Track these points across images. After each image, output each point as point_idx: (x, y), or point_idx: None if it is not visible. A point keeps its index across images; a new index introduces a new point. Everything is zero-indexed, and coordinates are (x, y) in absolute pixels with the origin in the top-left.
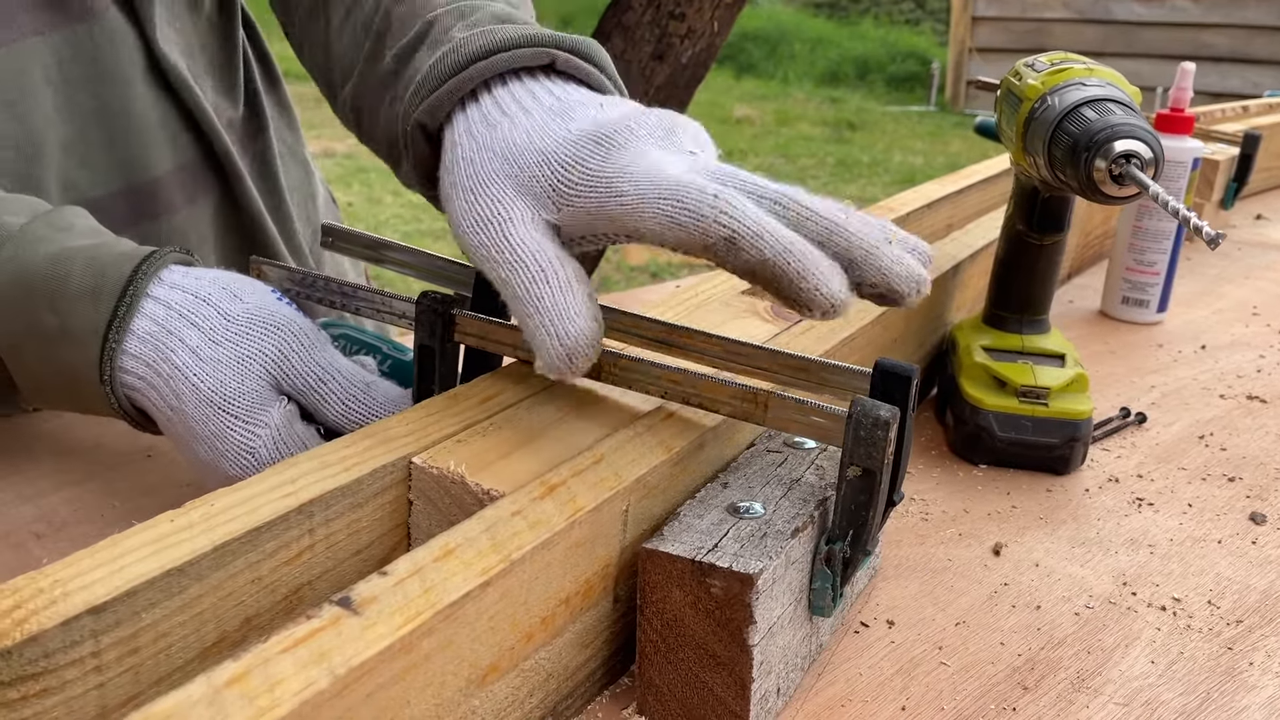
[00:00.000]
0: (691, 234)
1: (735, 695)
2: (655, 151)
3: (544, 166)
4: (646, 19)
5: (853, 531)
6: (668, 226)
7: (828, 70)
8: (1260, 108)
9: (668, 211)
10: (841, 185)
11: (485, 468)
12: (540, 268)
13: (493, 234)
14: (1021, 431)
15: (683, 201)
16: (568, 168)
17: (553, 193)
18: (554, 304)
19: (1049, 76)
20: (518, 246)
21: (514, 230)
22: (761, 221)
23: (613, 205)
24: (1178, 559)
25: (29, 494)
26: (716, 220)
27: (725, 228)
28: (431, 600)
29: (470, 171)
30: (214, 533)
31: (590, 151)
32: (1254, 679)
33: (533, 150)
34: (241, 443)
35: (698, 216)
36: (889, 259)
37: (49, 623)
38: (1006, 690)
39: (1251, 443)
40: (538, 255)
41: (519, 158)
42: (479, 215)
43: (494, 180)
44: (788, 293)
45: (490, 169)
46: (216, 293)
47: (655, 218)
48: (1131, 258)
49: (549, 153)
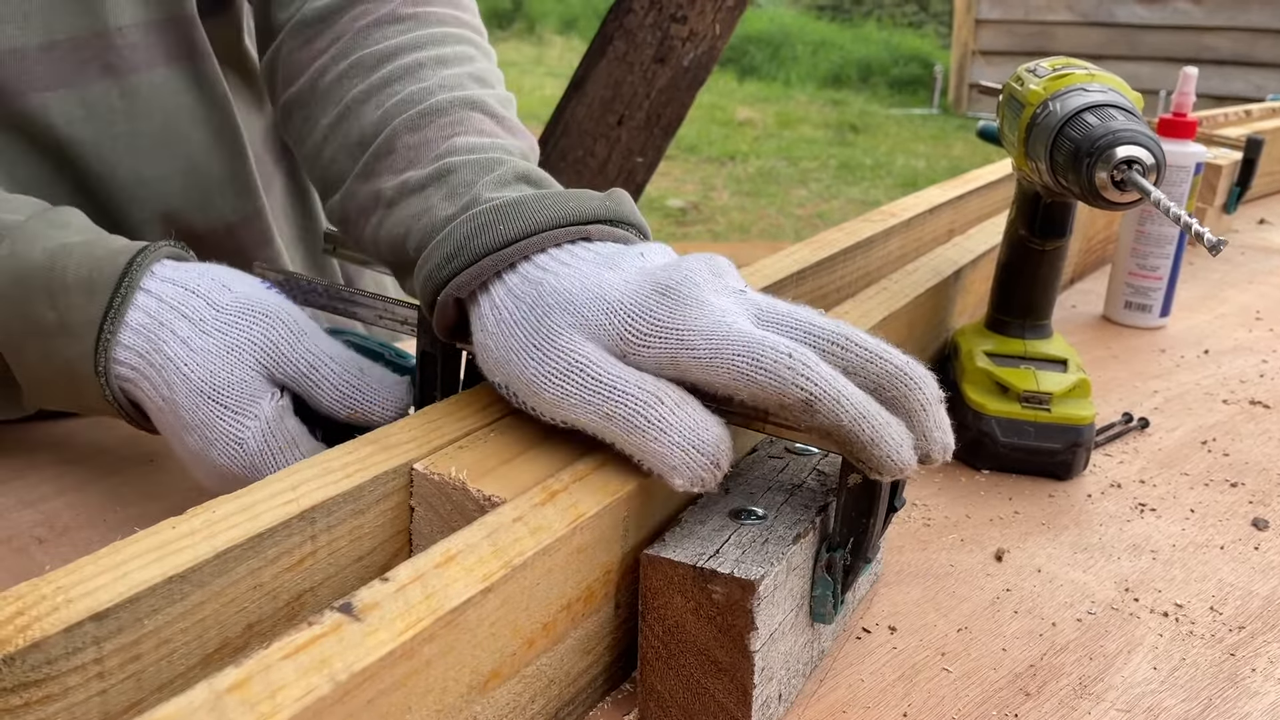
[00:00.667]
0: (768, 392)
1: (737, 701)
2: (715, 299)
3: (608, 314)
4: (649, 21)
5: (853, 539)
6: (744, 384)
7: (830, 73)
8: (1263, 112)
9: (744, 370)
10: (844, 188)
11: (487, 474)
12: (649, 392)
13: (580, 379)
14: (1024, 437)
15: (759, 360)
16: (634, 317)
17: (620, 340)
18: (680, 420)
19: (1051, 82)
20: (615, 381)
21: (603, 369)
22: (838, 386)
23: (685, 358)
24: (1180, 565)
25: (31, 499)
26: (795, 383)
27: (804, 391)
28: (433, 606)
29: (527, 331)
30: (216, 539)
31: (656, 302)
32: (1256, 685)
33: (591, 298)
34: (230, 432)
35: (775, 378)
36: (936, 421)
37: (52, 629)
38: (1009, 697)
39: (1254, 448)
40: (640, 382)
41: (579, 306)
42: (555, 369)
43: (559, 331)
44: (859, 455)
45: (550, 322)
46: (206, 284)
47: (730, 374)
48: (1134, 262)
49: (611, 300)
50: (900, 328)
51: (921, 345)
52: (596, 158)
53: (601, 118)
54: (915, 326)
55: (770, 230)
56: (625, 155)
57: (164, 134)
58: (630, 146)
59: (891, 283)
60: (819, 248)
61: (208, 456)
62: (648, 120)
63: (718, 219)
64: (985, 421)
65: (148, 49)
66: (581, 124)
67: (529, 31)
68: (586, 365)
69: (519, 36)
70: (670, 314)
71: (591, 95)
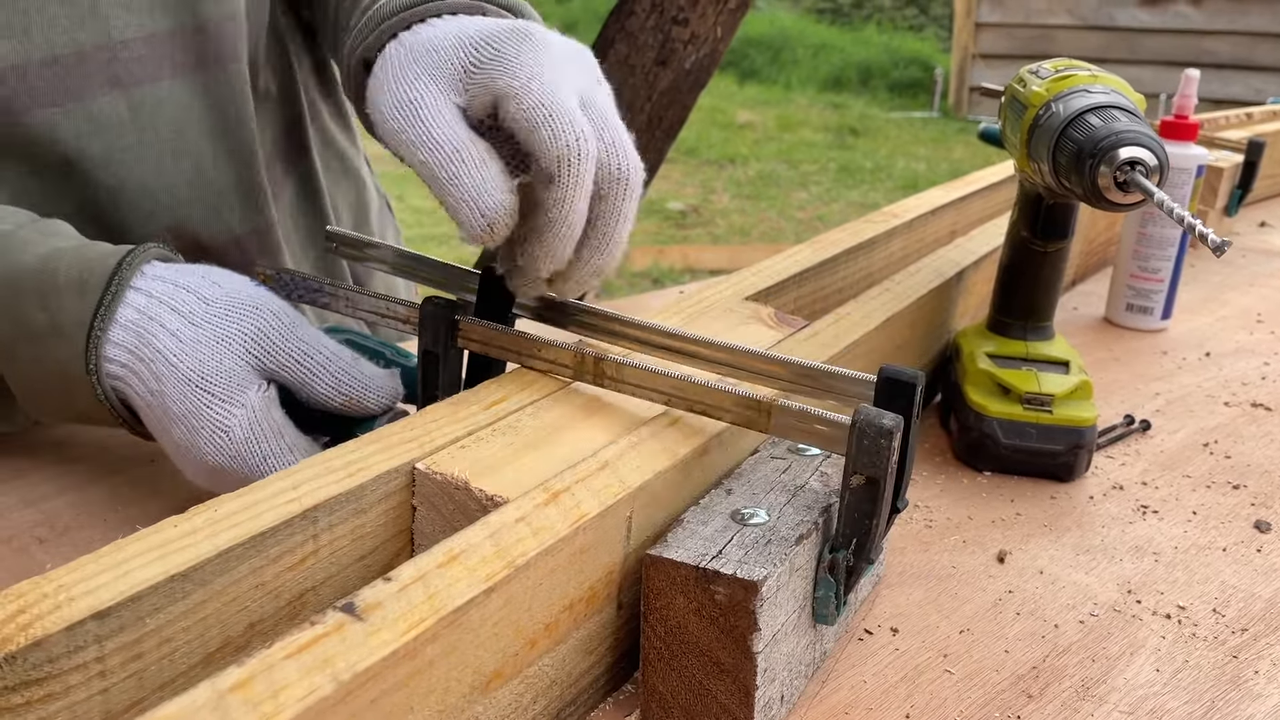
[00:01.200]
0: (547, 158)
1: (739, 703)
2: (559, 65)
3: (459, 50)
4: (650, 24)
5: (856, 540)
6: (538, 143)
7: (830, 76)
8: (1264, 115)
9: (546, 137)
10: (844, 191)
11: (489, 473)
12: (455, 147)
13: (407, 117)
14: (1026, 438)
15: (557, 121)
16: (479, 48)
17: (463, 73)
18: (471, 180)
19: (1053, 83)
20: (432, 128)
21: (428, 111)
22: (580, 200)
23: (504, 87)
24: (1182, 567)
25: (32, 498)
26: (566, 160)
27: (566, 167)
28: (435, 606)
29: (394, 72)
30: (218, 538)
31: (507, 38)
32: (1259, 687)
33: (451, 38)
34: (217, 420)
35: (562, 150)
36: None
37: (53, 628)
38: (1011, 698)
39: (1256, 450)
40: (451, 136)
41: (438, 47)
42: (394, 101)
43: (410, 68)
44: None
45: (409, 62)
46: (196, 281)
47: (530, 119)
48: (1136, 264)
49: (466, 38)
50: (902, 328)
51: (923, 346)
52: None
53: None
54: (917, 327)
55: (770, 233)
56: None
57: (172, 145)
58: None
59: (894, 283)
60: (821, 248)
61: (194, 446)
62: (649, 123)
63: (718, 222)
64: (987, 423)
65: (154, 61)
66: None
67: None
68: (418, 103)
69: None
70: (515, 51)
71: None
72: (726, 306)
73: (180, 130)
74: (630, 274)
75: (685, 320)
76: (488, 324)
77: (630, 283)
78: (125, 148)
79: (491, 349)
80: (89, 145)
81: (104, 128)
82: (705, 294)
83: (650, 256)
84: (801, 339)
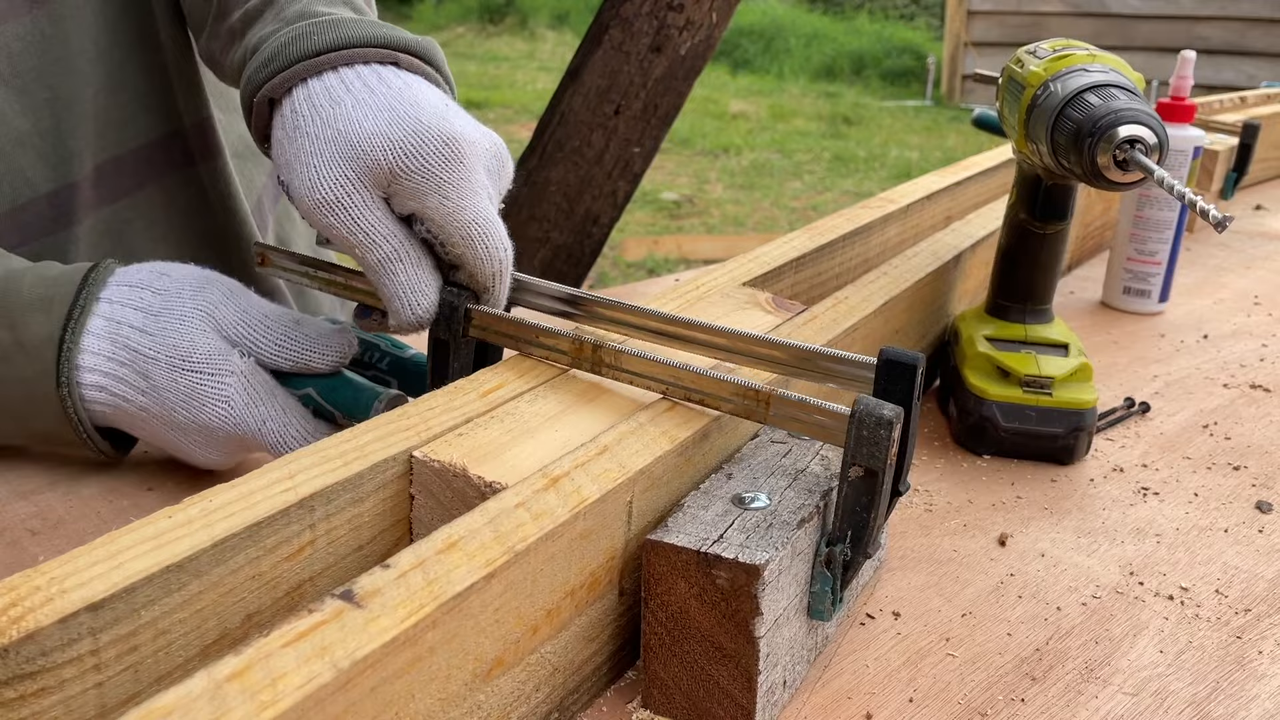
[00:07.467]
0: (484, 273)
1: (741, 688)
2: (485, 179)
3: (385, 152)
4: (645, 10)
5: (853, 532)
6: (472, 259)
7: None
8: (1258, 99)
9: (481, 253)
10: (838, 180)
11: (487, 460)
12: (393, 248)
13: (345, 218)
14: (1026, 421)
15: (490, 240)
16: (409, 157)
17: (389, 176)
18: (408, 277)
19: (1051, 63)
20: (368, 227)
21: (366, 215)
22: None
23: (435, 206)
24: (1184, 548)
25: (25, 490)
26: (497, 275)
27: (497, 278)
28: (435, 593)
29: (312, 149)
30: (213, 528)
31: (435, 159)
32: (1263, 668)
33: (375, 135)
34: (216, 393)
35: (495, 264)
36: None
37: (46, 620)
38: (1015, 681)
39: (1256, 431)
40: (388, 234)
41: (358, 139)
42: (326, 199)
43: (327, 151)
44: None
45: (325, 142)
46: (146, 276)
47: (464, 239)
48: (1133, 248)
49: (393, 140)
50: (900, 312)
51: (922, 329)
52: (593, 147)
53: (598, 107)
54: (915, 310)
55: (765, 223)
56: (623, 145)
57: (94, 51)
58: (627, 136)
59: (892, 267)
60: (817, 234)
61: (200, 421)
62: (644, 110)
63: (712, 212)
64: (987, 406)
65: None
66: (578, 114)
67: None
68: (352, 206)
69: (511, 31)
70: (445, 173)
71: (588, 85)
72: (724, 292)
73: (99, 36)
74: (624, 264)
75: (683, 306)
76: (498, 314)
77: (625, 273)
78: (57, 59)
79: (490, 335)
80: (25, 61)
81: (36, 40)
82: (702, 280)
83: (645, 247)
84: (800, 323)
